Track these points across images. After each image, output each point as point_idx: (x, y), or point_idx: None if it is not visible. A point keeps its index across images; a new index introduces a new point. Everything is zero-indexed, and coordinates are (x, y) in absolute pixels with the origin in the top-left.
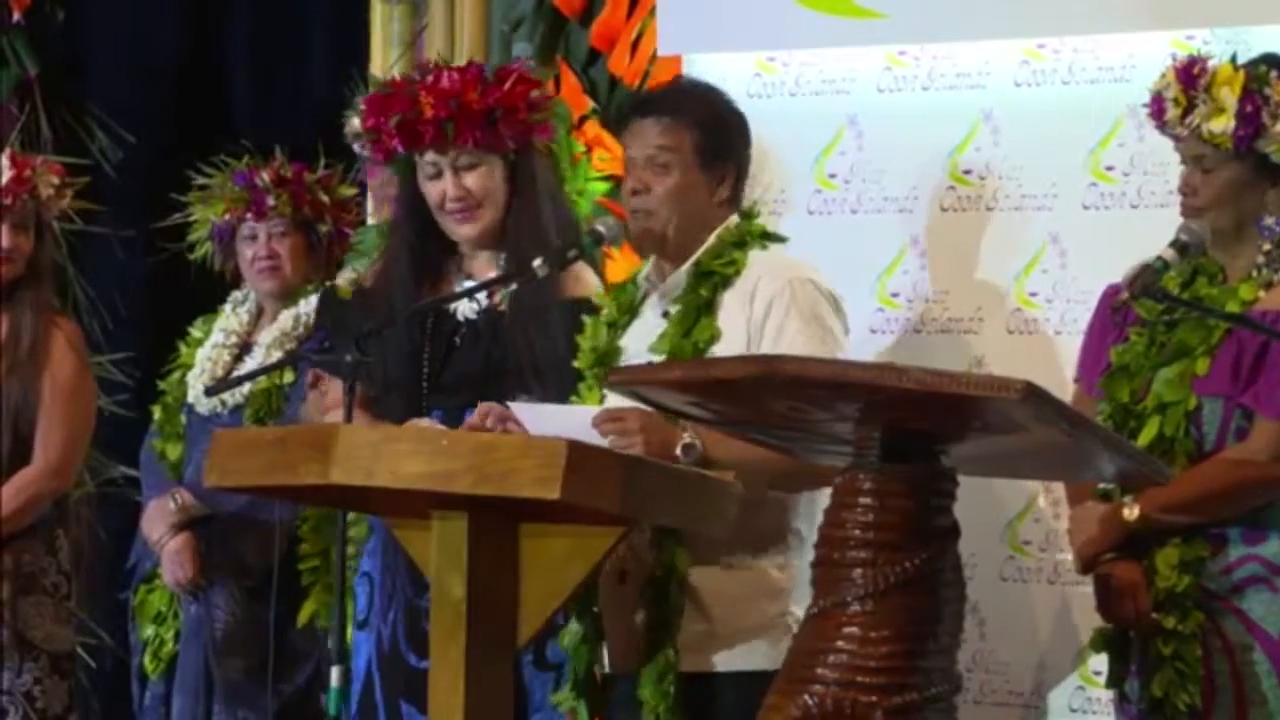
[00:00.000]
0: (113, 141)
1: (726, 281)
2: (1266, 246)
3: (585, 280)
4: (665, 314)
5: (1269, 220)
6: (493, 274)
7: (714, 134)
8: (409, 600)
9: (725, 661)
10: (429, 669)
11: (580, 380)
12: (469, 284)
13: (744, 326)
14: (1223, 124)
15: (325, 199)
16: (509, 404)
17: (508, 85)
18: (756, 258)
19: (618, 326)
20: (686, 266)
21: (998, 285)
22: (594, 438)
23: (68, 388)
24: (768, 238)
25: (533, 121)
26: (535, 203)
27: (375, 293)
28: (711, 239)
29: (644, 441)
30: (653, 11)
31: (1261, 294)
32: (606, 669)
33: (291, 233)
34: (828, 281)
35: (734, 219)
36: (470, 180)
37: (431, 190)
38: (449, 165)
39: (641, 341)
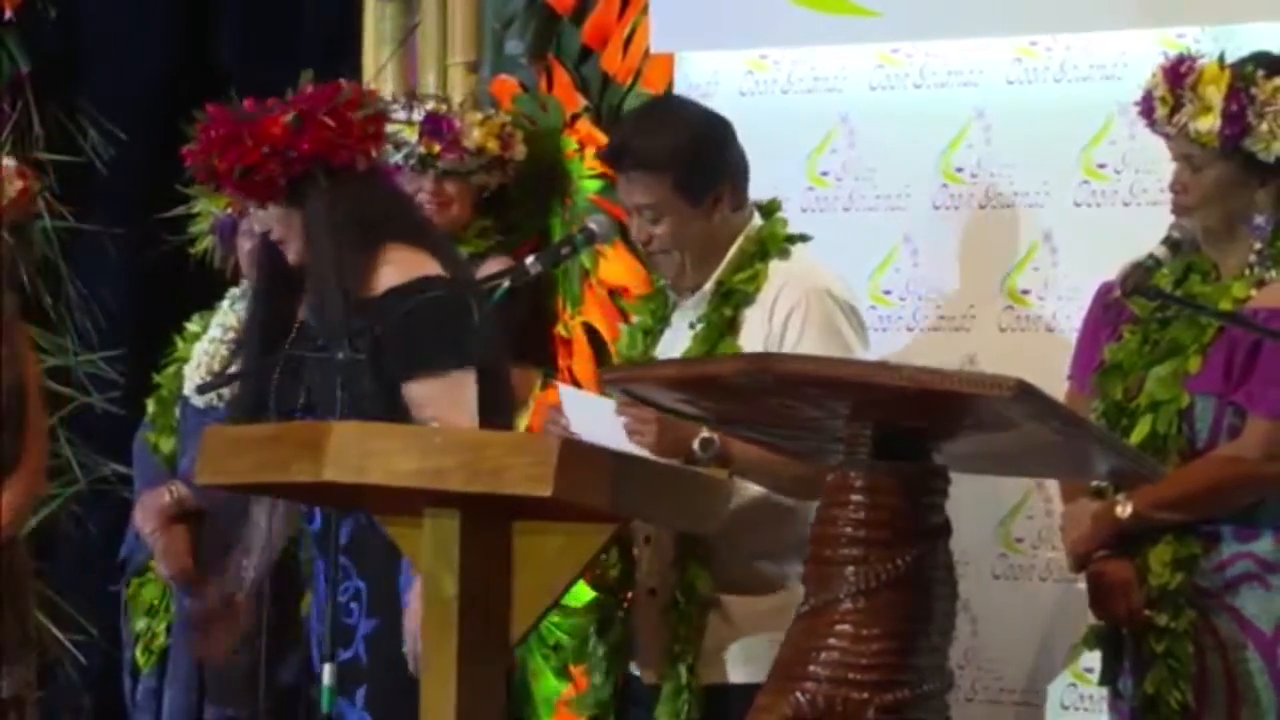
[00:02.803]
0: (105, 139)
1: (748, 299)
2: (1257, 245)
3: (385, 283)
4: (692, 325)
5: (1259, 219)
6: None
7: (692, 165)
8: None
9: (748, 673)
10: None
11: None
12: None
13: (763, 341)
14: (1209, 123)
15: None
16: (558, 385)
17: (246, 143)
18: (776, 269)
19: (653, 334)
20: (710, 283)
21: (990, 283)
22: (619, 424)
23: (33, 391)
24: (790, 240)
25: (288, 171)
26: (313, 242)
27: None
28: (733, 251)
29: (658, 431)
30: (645, 9)
31: (1253, 292)
32: (638, 675)
33: None
34: (846, 291)
35: (755, 223)
36: (264, 216)
37: None
38: None
39: (672, 352)
